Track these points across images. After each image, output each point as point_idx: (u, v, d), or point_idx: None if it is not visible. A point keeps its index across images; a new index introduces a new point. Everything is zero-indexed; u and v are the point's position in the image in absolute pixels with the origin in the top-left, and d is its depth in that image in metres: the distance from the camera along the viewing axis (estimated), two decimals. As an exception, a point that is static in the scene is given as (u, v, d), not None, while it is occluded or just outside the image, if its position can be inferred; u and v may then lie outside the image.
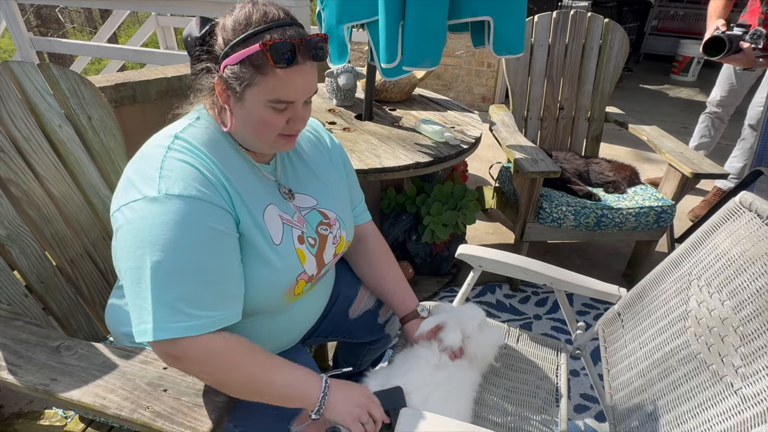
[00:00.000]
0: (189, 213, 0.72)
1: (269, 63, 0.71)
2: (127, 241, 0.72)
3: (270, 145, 0.82)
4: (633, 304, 1.09)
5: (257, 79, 0.73)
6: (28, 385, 0.77)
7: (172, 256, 0.70)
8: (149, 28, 4.11)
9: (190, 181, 0.74)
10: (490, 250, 1.24)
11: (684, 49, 5.88)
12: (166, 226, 0.70)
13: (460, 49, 4.13)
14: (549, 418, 1.06)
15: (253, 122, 0.78)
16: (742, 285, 0.81)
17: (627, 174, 2.11)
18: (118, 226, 0.73)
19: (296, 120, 0.80)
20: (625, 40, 2.26)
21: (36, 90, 1.08)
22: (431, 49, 1.44)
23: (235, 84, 0.74)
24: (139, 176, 0.74)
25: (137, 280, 0.70)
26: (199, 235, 0.72)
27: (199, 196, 0.73)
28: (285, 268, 0.84)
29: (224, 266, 0.76)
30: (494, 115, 2.26)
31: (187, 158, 0.76)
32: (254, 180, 0.85)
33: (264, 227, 0.82)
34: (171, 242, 0.70)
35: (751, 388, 0.69)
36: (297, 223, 0.89)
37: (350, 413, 0.79)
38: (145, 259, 0.70)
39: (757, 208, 0.84)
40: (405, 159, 1.58)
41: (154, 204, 0.71)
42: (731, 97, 2.68)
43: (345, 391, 0.81)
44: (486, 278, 2.15)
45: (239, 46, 0.72)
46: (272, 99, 0.75)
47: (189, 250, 0.71)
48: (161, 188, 0.72)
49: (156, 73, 2.01)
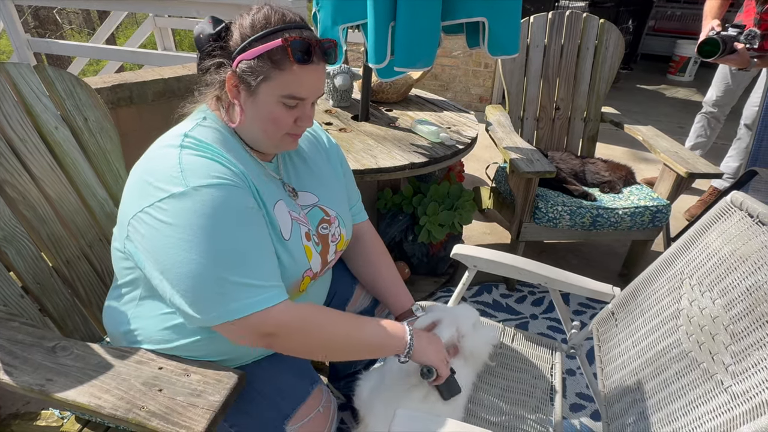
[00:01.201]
0: (223, 198, 0.74)
1: (288, 58, 0.75)
2: (165, 240, 0.72)
3: (276, 143, 0.84)
4: (626, 303, 1.10)
5: (274, 74, 0.76)
6: (24, 385, 0.78)
7: (221, 242, 0.72)
8: (147, 29, 4.11)
9: (212, 171, 0.75)
10: (485, 250, 1.24)
11: (681, 50, 5.90)
12: (205, 216, 0.72)
13: (457, 50, 4.14)
14: (544, 417, 1.07)
15: (262, 118, 0.80)
16: (732, 283, 0.81)
17: (623, 174, 2.12)
18: (148, 226, 0.73)
19: (304, 119, 0.83)
20: (621, 40, 2.27)
21: (32, 91, 1.08)
22: (424, 50, 1.45)
23: (250, 78, 0.76)
24: (156, 177, 0.75)
25: (190, 274, 0.71)
26: (238, 215, 0.75)
27: (226, 182, 0.75)
28: (293, 264, 0.85)
29: (267, 242, 0.79)
30: (490, 115, 2.26)
31: (201, 153, 0.77)
32: (263, 177, 0.86)
33: (275, 221, 0.84)
34: (215, 229, 0.72)
35: (740, 386, 0.70)
36: (303, 221, 0.90)
37: (437, 356, 0.90)
38: (194, 252, 0.71)
39: (747, 207, 0.85)
40: (401, 159, 1.59)
41: (185, 198, 0.72)
42: (727, 97, 2.69)
43: (427, 337, 0.92)
44: (482, 278, 2.15)
45: (258, 42, 0.75)
46: (286, 94, 0.78)
47: (233, 231, 0.73)
48: (188, 183, 0.72)
49: (153, 75, 2.01)
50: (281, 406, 0.88)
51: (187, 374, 0.80)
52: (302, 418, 0.88)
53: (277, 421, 0.87)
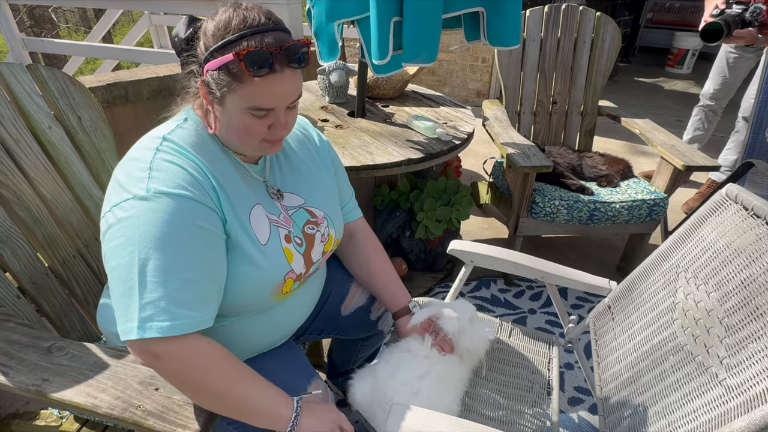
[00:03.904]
0: (177, 210, 0.72)
1: (244, 72, 0.71)
2: (117, 239, 0.72)
3: (254, 148, 0.83)
4: (623, 297, 1.10)
5: (235, 86, 0.73)
6: (20, 385, 0.78)
7: (160, 254, 0.70)
8: (142, 27, 4.10)
9: (179, 180, 0.74)
10: (482, 245, 1.24)
11: (679, 42, 5.88)
12: (155, 224, 0.70)
13: (455, 45, 4.12)
14: (542, 411, 1.07)
15: (235, 127, 0.78)
16: (727, 276, 0.81)
17: (620, 167, 2.12)
18: (109, 225, 0.74)
19: (278, 126, 0.79)
20: (617, 33, 2.26)
21: (24, 91, 1.07)
22: (428, 43, 1.44)
23: (216, 89, 0.74)
24: (128, 178, 0.75)
25: (124, 278, 0.70)
26: (186, 233, 0.73)
27: (188, 194, 0.74)
28: (271, 268, 0.84)
29: (209, 266, 0.76)
30: (487, 110, 2.26)
31: (175, 159, 0.76)
32: (241, 181, 0.85)
33: (249, 228, 0.82)
34: (159, 240, 0.70)
35: (735, 379, 0.70)
36: (284, 223, 0.89)
37: (324, 427, 0.80)
38: (133, 257, 0.70)
39: (742, 200, 0.85)
40: (397, 155, 1.58)
41: (144, 202, 0.71)
42: (724, 89, 2.69)
43: (315, 411, 0.82)
44: (480, 273, 2.15)
45: (218, 53, 0.72)
46: (250, 106, 0.75)
47: (176, 248, 0.71)
48: (150, 187, 0.72)
49: (148, 73, 2.01)
50: None
51: (183, 373, 0.80)
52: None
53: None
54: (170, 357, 0.71)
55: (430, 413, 0.79)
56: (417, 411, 0.79)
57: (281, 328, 0.97)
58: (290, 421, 0.78)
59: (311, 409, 0.82)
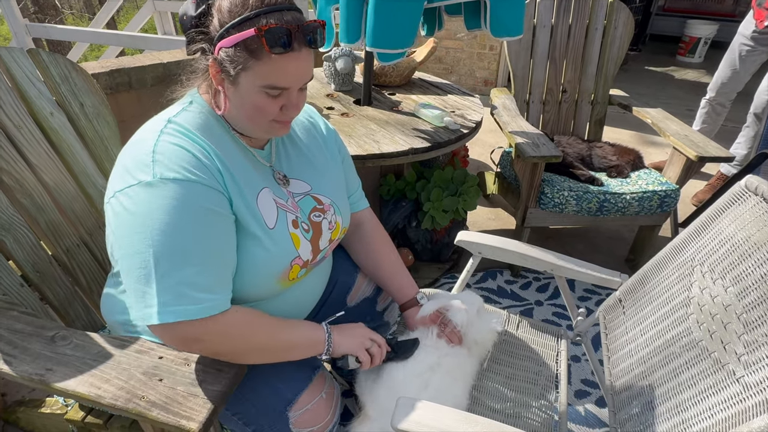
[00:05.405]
0: (185, 195, 0.71)
1: (264, 48, 0.70)
2: (125, 228, 0.71)
3: (264, 129, 0.81)
4: (634, 291, 1.07)
5: (251, 63, 0.72)
6: (23, 374, 0.77)
7: (172, 240, 0.70)
8: (146, 13, 4.06)
9: (184, 163, 0.73)
10: (490, 236, 1.22)
11: (691, 30, 5.76)
12: (164, 210, 0.70)
13: (462, 32, 4.05)
14: (549, 404, 1.06)
15: (246, 107, 0.77)
16: (746, 271, 0.79)
17: (631, 158, 2.08)
18: (115, 212, 0.73)
19: (290, 107, 0.79)
20: (630, 20, 2.20)
21: (25, 76, 1.06)
22: (397, 32, 1.39)
23: (230, 67, 0.73)
24: (132, 162, 0.73)
25: (138, 265, 0.70)
26: (196, 217, 0.72)
27: (194, 178, 0.73)
28: (279, 252, 0.83)
29: (221, 248, 0.76)
30: (495, 98, 2.22)
31: (179, 141, 0.75)
32: (248, 164, 0.84)
33: (257, 211, 0.81)
34: (170, 226, 0.70)
35: (753, 376, 0.68)
36: (291, 208, 0.88)
37: (354, 343, 0.90)
38: (145, 244, 0.69)
39: (763, 192, 0.82)
40: (404, 144, 1.56)
41: (150, 189, 0.70)
42: (733, 82, 2.62)
43: (344, 329, 0.91)
44: (487, 264, 2.13)
45: (234, 29, 0.71)
46: (266, 84, 0.74)
47: (188, 232, 0.71)
48: (156, 172, 0.71)
49: (152, 59, 1.98)
50: (283, 393, 0.87)
51: (187, 364, 0.80)
52: (305, 404, 0.88)
53: (280, 407, 0.86)
54: (213, 337, 0.75)
55: (436, 407, 0.77)
56: (423, 405, 0.77)
57: (287, 316, 0.95)
58: (325, 342, 0.87)
59: (341, 328, 0.90)
